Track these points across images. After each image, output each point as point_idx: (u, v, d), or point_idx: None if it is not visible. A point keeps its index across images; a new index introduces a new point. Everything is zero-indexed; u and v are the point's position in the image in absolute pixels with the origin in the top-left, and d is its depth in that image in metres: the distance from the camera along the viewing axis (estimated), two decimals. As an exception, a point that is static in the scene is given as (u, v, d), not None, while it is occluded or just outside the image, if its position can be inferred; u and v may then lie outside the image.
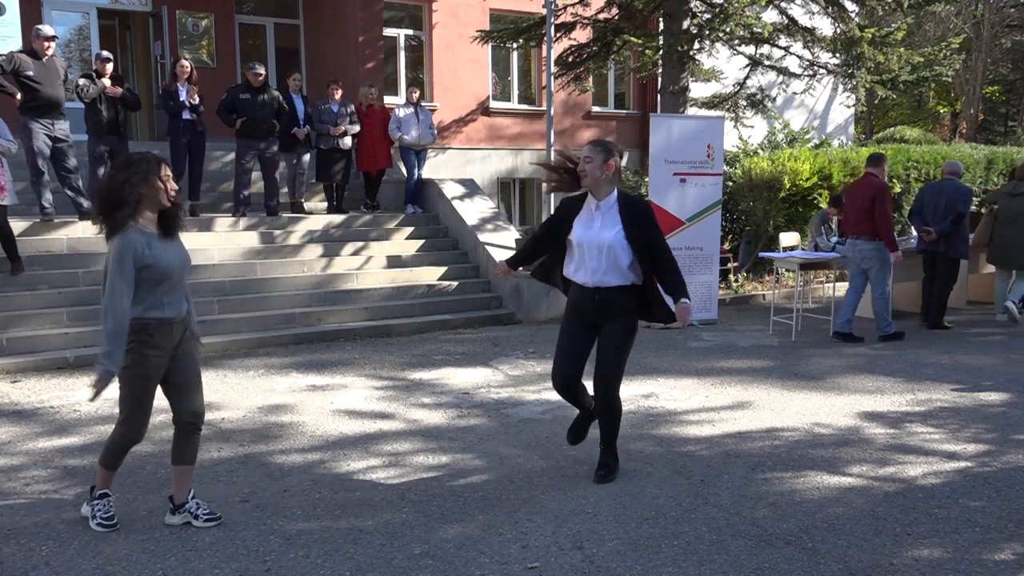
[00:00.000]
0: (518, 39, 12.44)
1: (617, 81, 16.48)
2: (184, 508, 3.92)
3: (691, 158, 9.00)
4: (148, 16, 13.24)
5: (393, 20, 13.86)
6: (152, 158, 3.70)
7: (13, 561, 3.57)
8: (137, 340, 3.63)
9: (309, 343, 8.05)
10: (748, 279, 11.57)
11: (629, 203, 4.33)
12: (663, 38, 11.70)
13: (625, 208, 4.30)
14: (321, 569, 3.51)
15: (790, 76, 12.26)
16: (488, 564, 3.55)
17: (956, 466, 4.73)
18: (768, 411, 5.84)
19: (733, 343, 8.18)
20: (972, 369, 7.07)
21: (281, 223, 9.83)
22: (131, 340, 3.60)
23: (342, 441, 5.18)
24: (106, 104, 8.70)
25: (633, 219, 4.27)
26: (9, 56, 8.19)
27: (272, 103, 9.83)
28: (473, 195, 10.99)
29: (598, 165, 4.26)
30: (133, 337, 3.61)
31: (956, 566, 3.54)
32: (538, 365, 7.20)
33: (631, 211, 4.29)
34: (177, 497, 3.94)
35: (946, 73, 12.62)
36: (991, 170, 12.93)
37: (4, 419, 5.58)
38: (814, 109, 18.68)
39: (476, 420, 5.63)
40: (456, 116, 14.25)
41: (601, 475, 4.48)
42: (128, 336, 3.58)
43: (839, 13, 11.97)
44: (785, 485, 4.45)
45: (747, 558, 3.60)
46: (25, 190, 8.67)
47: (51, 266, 8.14)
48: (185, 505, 3.93)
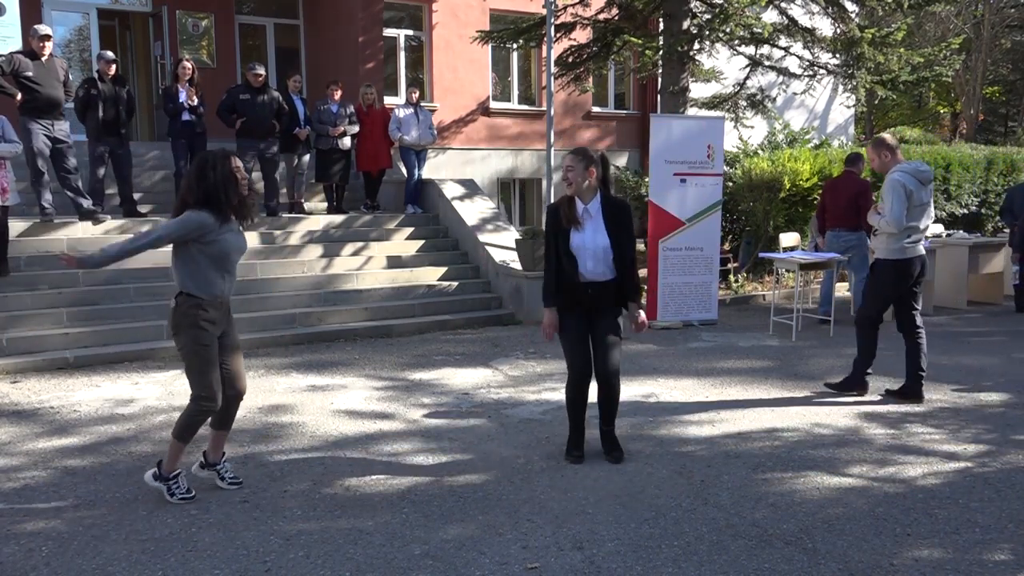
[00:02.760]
0: (518, 39, 12.43)
1: (617, 81, 16.47)
2: (215, 467, 4.34)
3: (691, 158, 9.00)
4: (148, 16, 13.24)
5: (393, 20, 13.86)
6: (227, 154, 4.06)
7: (13, 561, 3.57)
8: (193, 314, 3.97)
9: (309, 343, 8.05)
10: (748, 279, 11.57)
11: (611, 204, 4.68)
12: (663, 38, 11.70)
13: (608, 209, 4.65)
14: (321, 569, 3.51)
15: (790, 76, 12.26)
16: (488, 564, 3.55)
17: (956, 466, 4.73)
18: (768, 411, 5.84)
19: (733, 343, 8.18)
20: (972, 369, 7.07)
21: (281, 223, 9.84)
22: (188, 314, 3.97)
23: (342, 441, 5.18)
24: (105, 105, 8.70)
25: (614, 220, 4.64)
26: (9, 57, 8.20)
27: (272, 103, 9.84)
28: (473, 195, 11.00)
29: (580, 173, 4.59)
30: (190, 311, 3.97)
31: (956, 566, 3.54)
32: (538, 365, 7.20)
33: (613, 212, 4.65)
34: (211, 456, 4.35)
35: (946, 73, 12.61)
36: (991, 170, 12.93)
37: (4, 419, 5.58)
38: (814, 109, 18.68)
39: (476, 420, 5.63)
40: (456, 116, 14.25)
41: (617, 455, 4.79)
42: (186, 310, 3.97)
43: (839, 13, 11.96)
44: (785, 485, 4.45)
45: (747, 558, 3.60)
46: (25, 190, 8.68)
47: (51, 266, 8.13)
48: (216, 465, 4.34)
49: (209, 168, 3.96)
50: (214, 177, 3.95)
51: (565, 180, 4.63)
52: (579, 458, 4.79)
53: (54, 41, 8.73)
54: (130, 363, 7.18)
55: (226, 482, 4.35)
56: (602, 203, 4.66)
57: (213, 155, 4.02)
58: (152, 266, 8.33)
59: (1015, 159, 13.40)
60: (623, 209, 4.69)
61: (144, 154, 11.04)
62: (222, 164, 3.98)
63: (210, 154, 4.04)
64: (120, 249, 4.03)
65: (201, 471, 4.37)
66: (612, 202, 4.69)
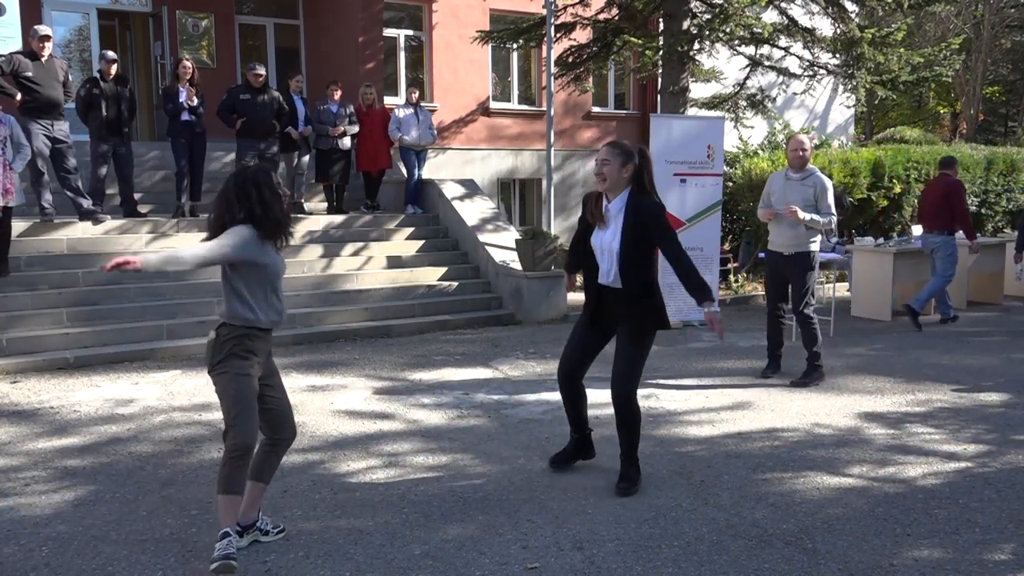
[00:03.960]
0: (518, 39, 12.43)
1: (617, 81, 16.47)
2: (255, 527, 3.74)
3: (691, 158, 9.00)
4: (148, 16, 13.23)
5: (393, 20, 13.86)
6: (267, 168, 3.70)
7: (13, 561, 3.57)
8: (236, 342, 3.53)
9: (309, 343, 8.05)
10: (748, 279, 11.57)
11: (636, 205, 4.21)
12: (663, 38, 11.70)
13: (631, 210, 4.21)
14: (321, 569, 3.51)
15: (790, 76, 12.26)
16: (488, 564, 3.55)
17: (956, 466, 4.73)
18: (768, 411, 5.84)
19: (733, 344, 8.18)
20: (972, 369, 7.07)
21: (281, 223, 9.81)
22: (229, 341, 3.52)
23: (342, 441, 5.18)
24: (107, 104, 8.71)
25: (637, 222, 4.19)
26: (8, 57, 8.20)
27: (272, 103, 9.84)
28: (473, 195, 11.00)
29: (616, 168, 4.20)
30: (231, 339, 3.52)
31: (956, 566, 3.54)
32: (538, 365, 7.20)
33: (636, 214, 4.20)
34: (245, 516, 3.68)
35: (946, 73, 12.61)
36: (991, 171, 12.92)
37: (4, 419, 5.58)
38: (814, 109, 18.68)
39: (476, 420, 5.63)
40: (456, 116, 14.24)
41: (623, 488, 4.32)
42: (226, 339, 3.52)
43: (839, 13, 11.96)
44: (785, 485, 4.45)
45: (747, 559, 3.60)
46: (25, 190, 8.67)
47: (51, 266, 8.14)
48: (255, 524, 3.74)
49: (251, 184, 3.56)
50: (258, 194, 3.54)
51: (599, 174, 4.23)
52: (555, 464, 4.65)
53: (54, 41, 8.73)
54: (130, 363, 7.18)
55: (271, 535, 3.79)
56: (627, 203, 4.21)
57: (254, 171, 3.65)
58: (152, 266, 8.31)
59: (1015, 159, 13.39)
60: (648, 211, 4.18)
61: (144, 154, 11.04)
62: (265, 180, 3.60)
63: (250, 170, 3.67)
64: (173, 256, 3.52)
65: (239, 539, 3.62)
66: (638, 203, 4.20)
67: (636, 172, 4.23)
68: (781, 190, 6.56)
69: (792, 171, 6.59)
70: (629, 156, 4.20)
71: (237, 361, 3.52)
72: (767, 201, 6.70)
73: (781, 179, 6.65)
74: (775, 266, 6.72)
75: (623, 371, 4.27)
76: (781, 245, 6.61)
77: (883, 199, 11.54)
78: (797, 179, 6.53)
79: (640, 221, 4.19)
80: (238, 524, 3.63)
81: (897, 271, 9.31)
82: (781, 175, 6.69)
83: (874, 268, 9.49)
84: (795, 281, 6.60)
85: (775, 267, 6.73)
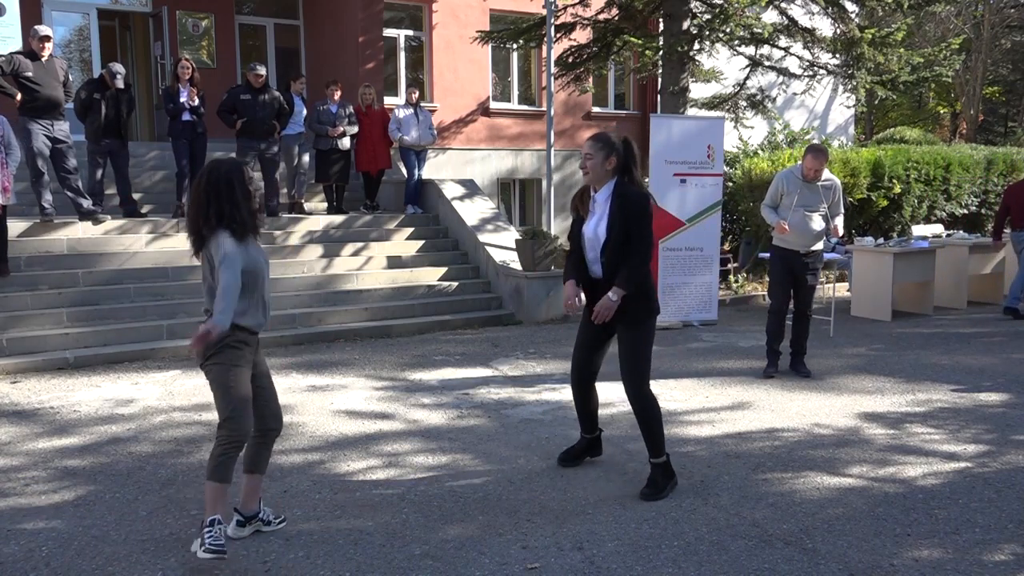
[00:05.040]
0: (518, 40, 12.43)
1: (617, 81, 16.48)
2: (257, 517, 3.82)
3: (691, 158, 9.00)
4: (148, 17, 13.24)
5: (393, 20, 13.86)
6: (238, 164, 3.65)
7: (13, 561, 3.57)
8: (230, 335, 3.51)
9: (309, 343, 8.05)
10: (748, 279, 11.57)
11: (622, 195, 4.21)
12: (663, 38, 11.70)
13: (617, 200, 4.21)
14: (321, 569, 3.51)
15: (790, 77, 12.26)
16: (488, 564, 3.55)
17: (956, 466, 4.73)
18: (768, 412, 5.84)
19: (733, 344, 8.18)
20: (972, 369, 7.07)
21: (281, 223, 9.84)
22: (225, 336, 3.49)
23: (342, 441, 5.18)
24: (107, 105, 8.71)
25: (620, 212, 4.18)
26: (9, 57, 8.20)
27: (272, 103, 9.84)
28: (473, 195, 11.00)
29: (599, 162, 4.22)
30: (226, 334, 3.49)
31: (956, 566, 3.54)
32: (538, 365, 7.20)
33: (621, 203, 4.20)
34: (247, 507, 3.78)
35: (946, 73, 12.61)
36: (991, 171, 12.92)
37: (4, 419, 5.58)
38: (814, 109, 18.68)
39: (476, 420, 5.63)
40: (456, 117, 14.25)
41: (646, 493, 4.26)
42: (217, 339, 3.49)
43: (839, 14, 11.96)
44: (785, 485, 4.45)
45: (747, 559, 3.60)
46: (25, 190, 8.68)
47: (51, 266, 8.14)
48: (258, 515, 3.83)
49: (223, 182, 3.50)
50: (228, 192, 3.50)
51: (583, 168, 4.28)
52: (564, 460, 4.71)
53: (54, 41, 8.73)
54: (130, 363, 7.18)
55: (274, 524, 3.87)
56: (613, 192, 4.22)
57: (227, 167, 3.57)
58: (152, 266, 8.33)
59: (1015, 159, 13.38)
60: (632, 199, 4.18)
61: (144, 154, 11.04)
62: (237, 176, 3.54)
63: (223, 166, 3.57)
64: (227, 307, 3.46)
65: (241, 530, 3.76)
66: (623, 192, 4.20)
67: (622, 163, 4.24)
68: (799, 193, 6.53)
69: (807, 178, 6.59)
70: (611, 148, 4.22)
71: (230, 352, 3.55)
72: (780, 202, 6.64)
73: (797, 182, 6.58)
74: (788, 265, 6.70)
75: (629, 369, 4.27)
76: (799, 244, 6.62)
77: (883, 199, 11.54)
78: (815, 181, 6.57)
79: (623, 208, 4.19)
80: (241, 514, 3.76)
81: (897, 271, 9.31)
82: (794, 178, 6.62)
83: (874, 268, 9.48)
84: (809, 279, 6.71)
85: (787, 266, 6.70)
